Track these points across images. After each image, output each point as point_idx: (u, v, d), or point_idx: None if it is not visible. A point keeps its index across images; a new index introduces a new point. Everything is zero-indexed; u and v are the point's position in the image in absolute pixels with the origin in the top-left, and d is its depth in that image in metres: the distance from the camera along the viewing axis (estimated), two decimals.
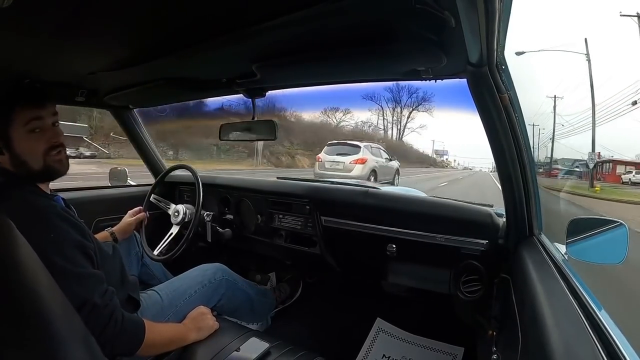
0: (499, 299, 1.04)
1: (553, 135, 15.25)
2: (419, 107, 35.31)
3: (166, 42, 0.91)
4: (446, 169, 44.76)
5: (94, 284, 0.84)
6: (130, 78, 1.22)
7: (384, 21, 0.73)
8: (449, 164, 54.36)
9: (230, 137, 1.45)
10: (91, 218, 1.57)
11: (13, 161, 0.89)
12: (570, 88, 21.17)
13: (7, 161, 0.89)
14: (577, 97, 16.29)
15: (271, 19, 0.73)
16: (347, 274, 1.70)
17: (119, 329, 0.84)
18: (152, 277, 1.46)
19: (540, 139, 15.25)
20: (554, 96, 16.06)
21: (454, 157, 58.35)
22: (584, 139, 14.20)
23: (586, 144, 13.54)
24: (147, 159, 1.93)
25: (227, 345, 1.02)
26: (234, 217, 1.75)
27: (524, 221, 0.99)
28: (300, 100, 27.62)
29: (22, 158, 0.89)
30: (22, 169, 0.90)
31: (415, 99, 33.98)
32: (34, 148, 0.89)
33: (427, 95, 32.97)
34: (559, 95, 16.20)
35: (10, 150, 0.88)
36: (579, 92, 14.78)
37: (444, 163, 52.77)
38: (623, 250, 0.84)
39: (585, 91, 13.53)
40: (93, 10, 0.70)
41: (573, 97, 19.30)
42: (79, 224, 0.90)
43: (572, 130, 15.30)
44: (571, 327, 0.55)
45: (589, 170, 13.35)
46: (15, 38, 0.82)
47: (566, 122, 15.35)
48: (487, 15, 0.53)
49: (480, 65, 0.74)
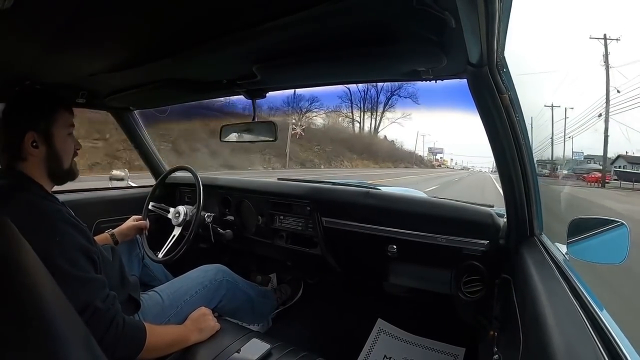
0: (500, 299, 1.04)
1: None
2: (397, 101, 30.80)
3: (167, 44, 0.91)
4: (437, 169, 41.55)
5: (96, 289, 0.85)
6: (131, 79, 1.22)
7: (384, 22, 0.73)
8: (445, 162, 51.49)
9: (230, 138, 1.46)
10: (92, 219, 1.57)
11: (50, 156, 0.94)
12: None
13: (41, 155, 0.93)
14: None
15: (271, 20, 0.73)
16: (348, 275, 1.70)
17: (120, 334, 0.84)
18: (153, 278, 1.46)
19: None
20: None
21: (451, 156, 55.67)
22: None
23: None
24: (148, 161, 1.94)
25: (228, 346, 1.02)
26: (234, 218, 1.75)
27: (525, 221, 0.99)
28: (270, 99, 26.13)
29: (59, 155, 0.96)
30: (55, 165, 0.95)
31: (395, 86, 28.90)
32: (69, 149, 0.99)
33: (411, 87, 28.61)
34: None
35: (50, 145, 0.94)
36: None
37: (438, 162, 49.73)
38: (624, 250, 0.84)
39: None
40: (94, 11, 0.70)
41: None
42: (83, 228, 0.91)
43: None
44: (572, 327, 0.55)
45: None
46: (15, 39, 0.82)
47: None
48: (487, 16, 0.53)
49: (480, 66, 0.74)
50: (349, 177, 13.69)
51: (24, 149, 0.90)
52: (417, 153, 43.27)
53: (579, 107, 17.13)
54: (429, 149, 48.17)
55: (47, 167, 0.94)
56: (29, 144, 0.90)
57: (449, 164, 53.97)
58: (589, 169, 15.40)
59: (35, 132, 0.91)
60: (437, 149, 50.17)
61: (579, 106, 17.06)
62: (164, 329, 1.02)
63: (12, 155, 0.91)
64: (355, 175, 16.36)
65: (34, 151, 0.91)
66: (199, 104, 1.90)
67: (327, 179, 1.88)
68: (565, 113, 17.74)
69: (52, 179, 0.96)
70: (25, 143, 0.90)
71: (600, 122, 15.42)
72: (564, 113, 18.12)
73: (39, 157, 0.92)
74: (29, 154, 0.91)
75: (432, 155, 49.23)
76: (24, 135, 0.90)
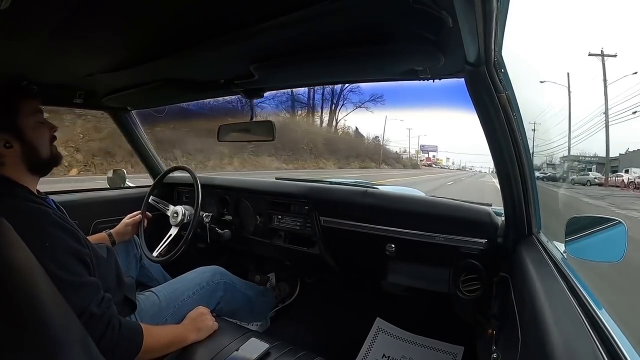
0: (499, 297, 1.04)
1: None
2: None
3: (164, 43, 0.91)
4: (423, 170, 35.02)
5: (90, 293, 0.83)
6: (128, 79, 1.22)
7: (381, 21, 0.73)
8: (439, 162, 46.23)
9: (228, 138, 1.45)
10: (90, 220, 1.57)
11: (25, 150, 0.90)
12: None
13: (16, 153, 0.89)
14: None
15: (269, 20, 0.73)
16: (346, 274, 1.70)
17: (117, 337, 0.83)
18: (150, 279, 1.46)
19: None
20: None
21: (447, 155, 50.75)
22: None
23: None
24: (146, 161, 1.93)
25: (227, 345, 1.01)
26: (232, 218, 1.75)
27: (523, 220, 0.99)
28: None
29: (34, 146, 0.92)
30: (33, 158, 0.92)
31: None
32: (43, 137, 0.94)
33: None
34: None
35: (22, 139, 0.90)
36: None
37: (430, 160, 44.17)
38: (622, 248, 0.84)
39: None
40: (90, 11, 0.70)
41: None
42: (73, 229, 0.89)
43: None
44: (571, 326, 0.55)
45: None
46: (12, 40, 0.82)
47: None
48: (484, 15, 0.53)
49: (478, 65, 0.74)
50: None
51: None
52: (396, 151, 35.62)
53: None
54: (422, 147, 42.32)
55: (26, 163, 0.91)
56: (1, 146, 0.87)
57: (445, 162, 49.53)
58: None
59: (2, 132, 0.87)
60: (429, 146, 44.43)
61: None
62: (162, 330, 1.01)
63: None
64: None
65: (8, 152, 0.88)
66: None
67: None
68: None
69: (34, 172, 0.93)
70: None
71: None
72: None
73: (16, 156, 0.89)
74: (3, 156, 0.88)
75: (421, 154, 42.72)
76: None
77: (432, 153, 46.33)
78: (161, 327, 1.05)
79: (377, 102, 25.32)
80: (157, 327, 1.00)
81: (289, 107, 22.70)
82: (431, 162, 45.60)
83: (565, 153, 19.93)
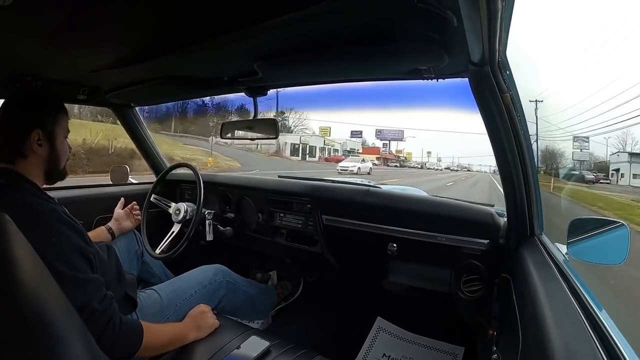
0: (500, 298, 1.04)
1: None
2: None
3: (168, 40, 0.91)
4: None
5: (93, 289, 0.84)
6: (132, 76, 1.22)
7: (386, 20, 0.73)
8: (408, 156, 31.02)
9: (231, 135, 1.46)
10: (92, 216, 1.57)
11: (50, 155, 0.94)
12: None
13: (42, 154, 0.92)
14: None
15: (273, 18, 0.73)
16: (347, 273, 1.70)
17: (117, 334, 0.84)
18: (152, 276, 1.46)
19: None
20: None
21: (438, 156, 41.22)
22: None
23: None
24: (149, 157, 1.94)
25: (228, 343, 1.02)
26: (234, 215, 1.75)
27: (525, 221, 0.99)
28: None
29: (59, 155, 0.96)
30: (53, 165, 0.95)
31: None
32: (65, 150, 0.99)
33: None
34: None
35: (52, 145, 0.94)
36: None
37: (378, 154, 30.50)
38: (624, 251, 0.84)
39: None
40: (95, 8, 0.70)
41: None
42: (79, 227, 0.90)
43: None
44: (571, 328, 0.55)
45: None
46: (16, 36, 0.82)
47: None
48: (489, 15, 0.52)
49: (482, 65, 0.74)
50: None
51: (27, 146, 0.89)
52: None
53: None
54: (377, 131, 30.55)
55: (46, 166, 0.94)
56: (34, 141, 0.90)
57: (427, 159, 36.05)
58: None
59: (42, 130, 0.91)
60: (389, 131, 30.81)
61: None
62: (162, 327, 1.02)
63: (13, 152, 0.90)
64: None
65: (37, 149, 0.91)
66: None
67: None
68: None
69: (46, 177, 0.96)
70: (30, 140, 0.89)
71: None
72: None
73: (41, 156, 0.92)
74: (32, 151, 0.90)
75: (354, 141, 28.92)
76: (31, 132, 0.89)
77: (393, 142, 31.85)
78: (162, 324, 1.05)
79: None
80: (157, 325, 1.00)
81: None
82: (387, 157, 32.14)
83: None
